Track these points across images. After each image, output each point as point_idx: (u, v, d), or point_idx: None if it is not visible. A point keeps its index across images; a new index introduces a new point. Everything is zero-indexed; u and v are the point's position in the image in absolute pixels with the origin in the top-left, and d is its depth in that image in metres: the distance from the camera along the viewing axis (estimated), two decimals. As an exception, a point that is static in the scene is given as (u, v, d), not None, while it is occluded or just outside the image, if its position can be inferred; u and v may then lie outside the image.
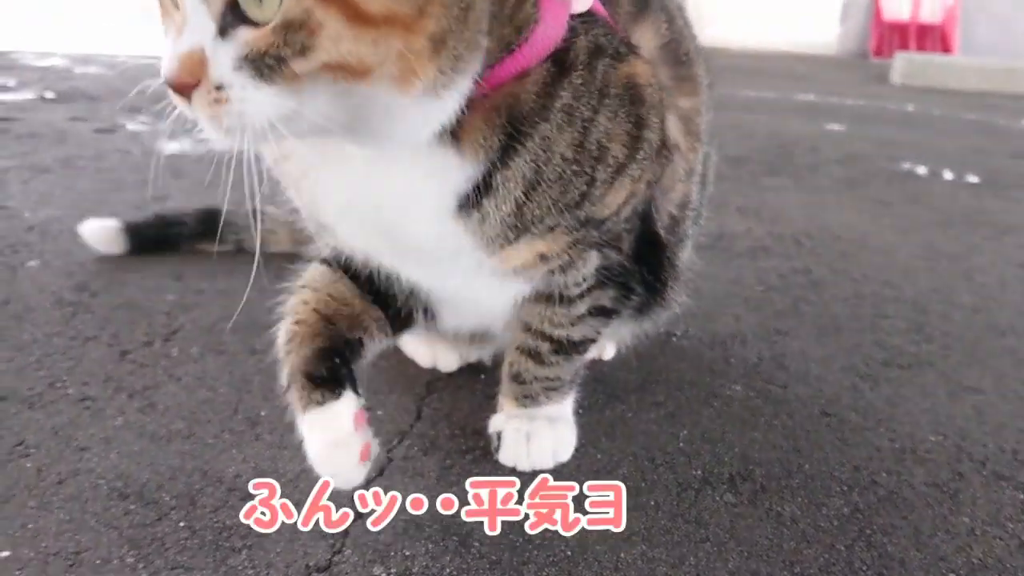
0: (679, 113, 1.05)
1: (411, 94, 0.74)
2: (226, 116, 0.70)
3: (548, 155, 0.87)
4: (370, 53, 0.69)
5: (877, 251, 2.17)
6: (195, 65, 0.69)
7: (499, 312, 1.15)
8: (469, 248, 0.93)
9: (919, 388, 1.44)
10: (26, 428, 1.24)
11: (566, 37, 0.87)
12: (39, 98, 3.66)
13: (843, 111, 4.75)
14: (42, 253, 1.87)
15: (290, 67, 0.69)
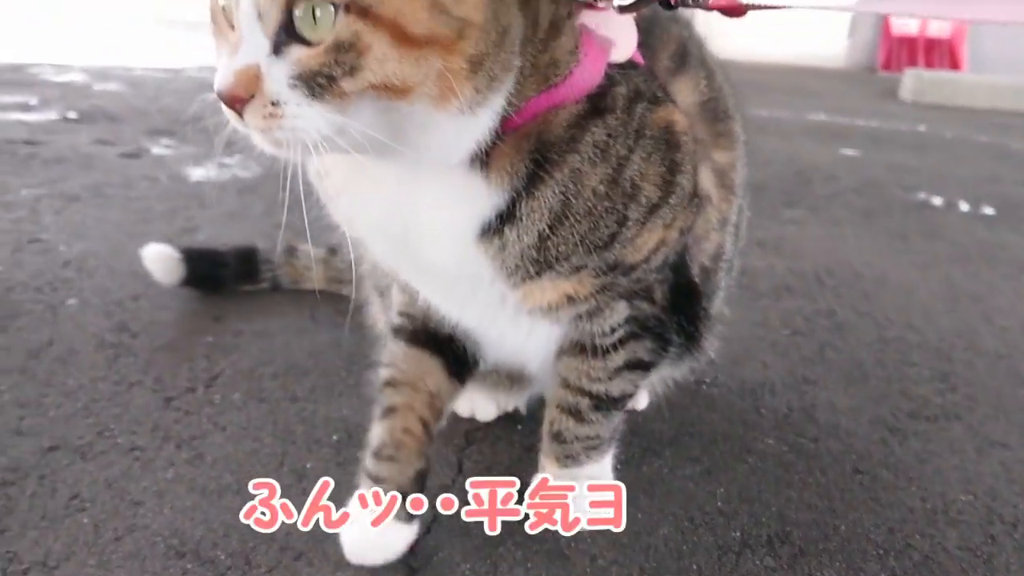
0: (714, 166, 1.08)
1: (448, 111, 0.78)
2: (279, 130, 0.75)
3: (577, 188, 0.89)
4: (412, 73, 0.74)
5: (898, 290, 2.20)
6: (250, 80, 0.73)
7: (533, 353, 1.18)
8: (489, 276, 0.96)
9: (947, 443, 1.47)
10: (79, 480, 1.27)
11: (604, 84, 0.89)
12: (62, 118, 3.70)
13: (856, 133, 4.77)
14: (80, 291, 1.90)
15: (339, 86, 0.73)
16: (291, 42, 0.73)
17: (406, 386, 1.15)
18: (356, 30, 0.71)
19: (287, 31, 0.73)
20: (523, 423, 1.46)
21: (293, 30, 0.72)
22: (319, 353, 1.69)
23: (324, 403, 1.52)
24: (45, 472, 1.28)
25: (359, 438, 1.40)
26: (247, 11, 0.73)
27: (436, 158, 0.84)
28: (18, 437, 1.36)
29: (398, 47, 0.72)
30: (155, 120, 3.79)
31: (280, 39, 0.73)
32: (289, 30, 0.73)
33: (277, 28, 0.73)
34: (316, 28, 0.72)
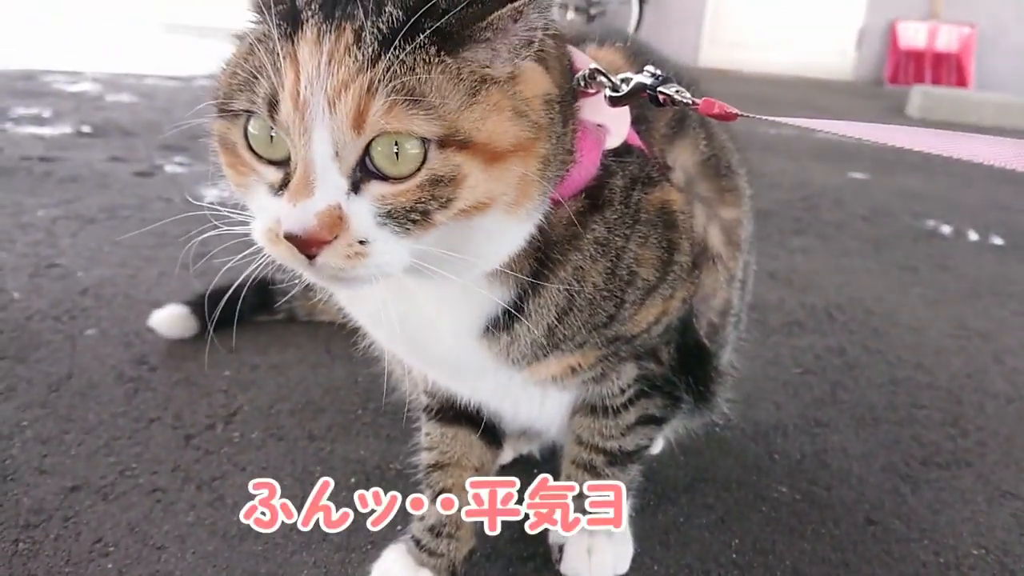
0: (722, 224, 1.10)
1: (518, 216, 0.79)
2: (362, 268, 0.73)
3: (580, 284, 0.91)
4: (497, 187, 0.74)
5: (908, 328, 2.21)
6: (334, 222, 0.70)
7: (548, 419, 1.20)
8: (493, 367, 0.97)
9: (959, 493, 1.48)
10: (103, 523, 1.28)
11: (600, 175, 0.91)
12: (76, 132, 3.73)
13: (864, 154, 4.78)
14: (99, 320, 1.92)
15: (433, 218, 0.72)
16: (369, 178, 0.71)
17: (452, 466, 1.18)
18: (456, 163, 0.71)
19: (362, 167, 0.71)
20: (538, 467, 1.47)
21: (368, 166, 0.71)
22: (335, 389, 1.71)
23: (341, 442, 1.53)
24: (69, 514, 1.30)
25: (377, 480, 1.43)
26: (322, 149, 0.69)
27: (482, 265, 0.84)
28: (41, 476, 1.38)
29: (488, 167, 0.72)
30: (168, 135, 3.81)
31: (357, 176, 0.71)
32: (364, 166, 0.71)
33: (355, 165, 0.71)
34: (398, 163, 0.70)
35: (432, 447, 1.19)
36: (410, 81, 0.69)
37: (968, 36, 9.56)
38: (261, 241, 0.76)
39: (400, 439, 1.51)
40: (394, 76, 0.68)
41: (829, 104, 7.44)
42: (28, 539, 1.24)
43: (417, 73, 0.69)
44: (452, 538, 1.16)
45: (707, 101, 0.85)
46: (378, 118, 0.68)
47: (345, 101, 0.68)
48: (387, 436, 1.55)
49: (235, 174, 0.78)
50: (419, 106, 0.69)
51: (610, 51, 1.04)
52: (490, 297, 0.90)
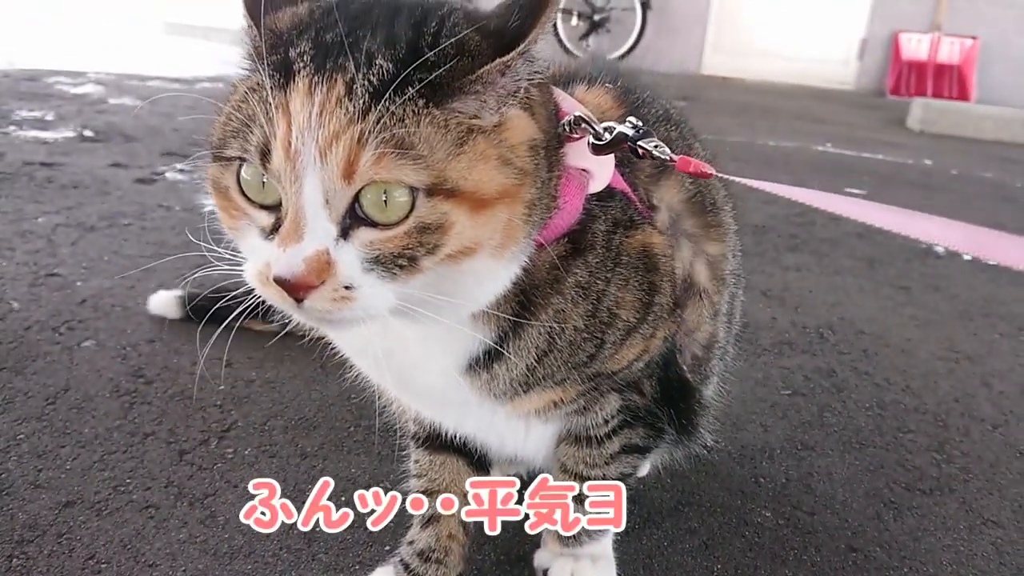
0: (707, 259, 1.11)
1: (504, 259, 0.81)
2: (348, 310, 0.74)
3: (561, 326, 0.93)
4: (484, 232, 0.76)
5: (898, 349, 2.23)
6: (322, 267, 0.72)
7: (532, 450, 1.22)
8: (477, 401, 0.99)
9: (940, 520, 1.50)
10: (96, 539, 1.31)
11: (583, 219, 0.92)
12: (78, 136, 3.75)
13: (862, 168, 4.80)
14: (96, 332, 1.94)
15: (419, 264, 0.74)
16: (358, 225, 0.73)
17: (440, 494, 1.19)
18: (443, 211, 0.72)
19: (351, 214, 0.72)
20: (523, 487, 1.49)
21: (358, 213, 0.72)
22: (328, 406, 1.73)
23: (333, 460, 1.55)
24: (63, 530, 1.32)
25: (367, 500, 1.44)
26: (312, 196, 0.71)
27: (467, 307, 0.86)
28: (36, 490, 1.40)
29: (474, 214, 0.74)
30: (169, 141, 3.84)
31: (346, 223, 0.73)
32: (353, 213, 0.72)
33: (344, 212, 0.72)
34: (386, 210, 0.72)
35: (421, 474, 1.21)
36: (399, 132, 0.70)
37: (970, 48, 9.58)
38: (252, 282, 0.78)
39: (391, 457, 1.54)
40: (384, 128, 0.70)
41: (829, 115, 7.47)
42: (22, 555, 1.26)
43: (406, 124, 0.71)
44: (441, 564, 1.18)
45: (683, 159, 0.87)
46: (368, 168, 0.70)
47: (336, 152, 0.70)
48: (378, 454, 1.57)
49: (227, 217, 0.80)
50: (408, 156, 0.71)
51: (599, 93, 1.05)
52: (472, 336, 0.92)
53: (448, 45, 0.73)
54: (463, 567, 1.22)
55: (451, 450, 1.20)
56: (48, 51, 6.97)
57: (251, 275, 0.77)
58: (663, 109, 1.14)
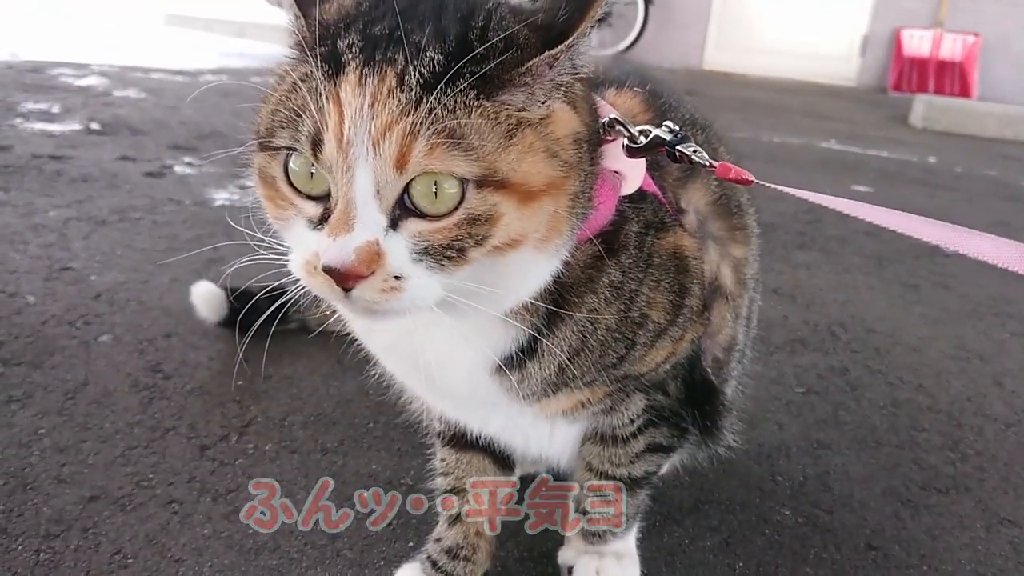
0: (732, 262, 1.12)
1: (547, 251, 0.81)
2: (396, 301, 0.75)
3: (594, 325, 0.94)
4: (530, 224, 0.76)
5: (909, 348, 2.24)
6: (372, 257, 0.72)
7: (559, 451, 1.22)
8: (505, 401, 1.00)
9: (958, 518, 1.51)
10: (121, 535, 1.31)
11: (616, 220, 0.93)
12: (85, 129, 3.74)
13: (867, 165, 4.81)
14: (113, 326, 1.95)
15: (468, 255, 0.74)
16: (407, 216, 0.73)
17: (468, 491, 1.20)
18: (493, 203, 0.73)
19: (401, 205, 0.73)
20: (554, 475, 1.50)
21: (407, 204, 0.73)
22: (347, 402, 1.74)
23: (354, 456, 1.56)
24: (88, 524, 1.33)
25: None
26: (363, 187, 0.71)
27: (511, 299, 0.87)
28: (60, 485, 1.41)
29: (522, 206, 0.75)
30: (177, 134, 3.84)
31: (396, 214, 0.73)
32: (403, 204, 0.73)
33: (394, 203, 0.73)
34: (436, 201, 0.72)
35: (448, 472, 1.22)
36: (451, 124, 0.71)
37: (972, 45, 9.59)
38: (298, 273, 0.77)
39: (411, 453, 1.55)
40: (436, 119, 0.70)
41: (832, 111, 7.47)
42: (49, 549, 1.27)
43: (458, 116, 0.71)
44: (469, 561, 1.19)
45: (724, 165, 0.88)
46: (420, 159, 0.70)
47: (389, 142, 0.70)
48: (398, 450, 1.58)
49: (273, 207, 0.80)
50: (459, 147, 0.71)
51: (628, 96, 1.06)
52: (505, 335, 0.92)
53: (498, 39, 0.73)
54: (490, 564, 1.23)
55: (477, 448, 1.21)
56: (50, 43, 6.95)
57: (297, 265, 0.77)
58: (689, 114, 1.15)
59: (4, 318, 1.92)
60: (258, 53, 7.76)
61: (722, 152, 1.20)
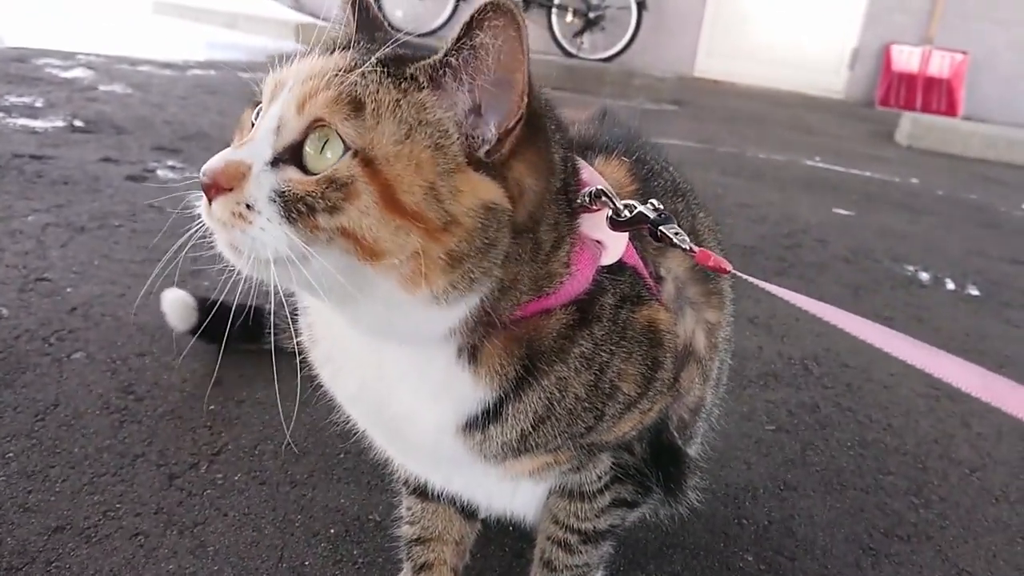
0: (706, 327, 1.14)
1: (414, 295, 0.80)
2: (240, 234, 0.77)
3: (562, 394, 0.94)
4: (387, 238, 0.76)
5: (880, 385, 2.27)
6: (235, 175, 0.78)
7: (521, 509, 1.24)
8: (468, 461, 1.00)
9: (917, 569, 1.54)
10: (85, 568, 1.31)
11: (592, 290, 0.94)
12: (68, 126, 3.71)
13: (850, 186, 4.85)
14: (87, 343, 1.94)
15: (315, 219, 0.76)
16: (290, 163, 0.78)
17: (433, 541, 1.22)
18: (354, 174, 0.76)
19: (292, 152, 0.78)
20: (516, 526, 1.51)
21: (296, 153, 0.78)
22: (319, 430, 1.73)
23: (323, 489, 1.56)
24: (52, 557, 1.32)
25: (355, 533, 1.46)
26: (270, 119, 0.80)
27: (401, 335, 0.88)
28: (25, 514, 1.40)
29: (383, 207, 0.76)
30: (161, 134, 3.81)
31: (282, 156, 0.79)
32: (293, 152, 0.78)
33: (286, 146, 0.79)
34: (318, 160, 0.78)
35: (414, 521, 1.23)
36: (359, 91, 0.78)
37: (960, 62, 9.68)
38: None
39: (380, 488, 1.55)
40: (349, 83, 0.78)
41: (818, 125, 7.52)
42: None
43: (368, 87, 0.78)
44: None
45: (703, 253, 0.89)
46: (319, 106, 0.77)
47: (303, 86, 0.79)
48: (367, 483, 1.59)
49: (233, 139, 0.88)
50: (355, 115, 0.77)
51: (615, 166, 1.07)
52: (472, 395, 0.92)
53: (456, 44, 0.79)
54: None
55: (442, 499, 1.21)
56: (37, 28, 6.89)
57: None
58: (671, 179, 1.16)
59: (-24, 332, 1.91)
60: (249, 46, 7.71)
61: (701, 217, 1.21)
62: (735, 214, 3.82)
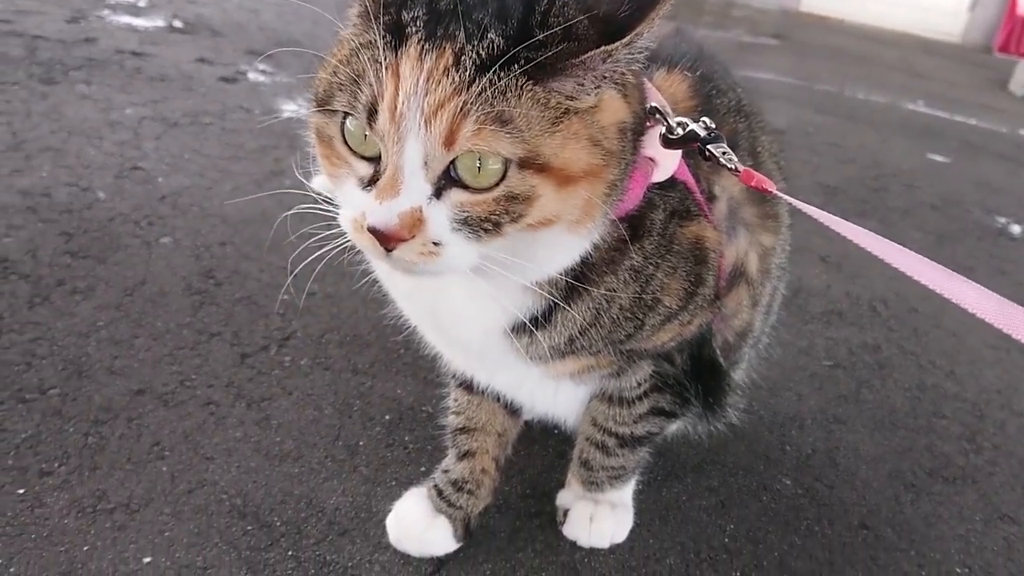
0: (760, 250, 1.14)
1: (580, 233, 0.84)
2: (432, 265, 0.79)
3: (609, 304, 0.97)
4: (565, 207, 0.80)
5: (949, 332, 2.22)
6: (414, 223, 0.76)
7: (563, 410, 1.30)
8: (513, 360, 1.04)
9: (957, 509, 1.54)
10: (161, 428, 1.43)
11: (643, 206, 0.95)
12: (168, 27, 3.84)
13: (950, 133, 4.63)
14: (174, 229, 2.06)
15: (503, 229, 0.79)
16: (451, 186, 0.76)
17: (478, 431, 1.27)
18: (532, 184, 0.76)
19: (446, 176, 0.76)
20: (558, 428, 1.57)
21: (452, 175, 0.76)
22: (382, 325, 1.81)
23: (382, 379, 1.65)
24: (133, 415, 1.45)
25: (408, 421, 1.55)
26: (412, 158, 0.74)
27: (539, 272, 0.90)
28: (111, 376, 1.53)
29: (559, 189, 0.78)
30: (254, 39, 3.90)
31: (440, 184, 0.76)
32: (448, 175, 0.76)
33: (440, 174, 0.76)
34: (479, 177, 0.75)
35: (459, 412, 1.29)
36: (500, 106, 0.73)
37: (1092, 10, 8.97)
38: (346, 228, 0.82)
39: (435, 383, 1.63)
40: (486, 101, 0.72)
41: (927, 68, 7.14)
42: (97, 434, 1.39)
43: (508, 99, 0.73)
44: (472, 495, 1.27)
45: (747, 172, 0.89)
46: (467, 138, 0.73)
47: (440, 120, 0.72)
48: (424, 378, 1.66)
49: (329, 165, 0.84)
50: (505, 130, 0.73)
51: (677, 80, 1.06)
52: (523, 302, 0.96)
53: (558, 27, 0.74)
54: (492, 499, 1.31)
55: (487, 393, 1.27)
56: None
57: (346, 220, 0.81)
58: (735, 100, 1.15)
59: (76, 212, 2.04)
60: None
61: (764, 141, 1.20)
62: (823, 153, 3.71)
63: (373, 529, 1.30)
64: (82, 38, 3.37)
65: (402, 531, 1.27)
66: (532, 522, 1.36)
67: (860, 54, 7.33)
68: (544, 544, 1.32)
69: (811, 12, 9.87)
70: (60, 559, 1.17)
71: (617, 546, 1.33)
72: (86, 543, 1.20)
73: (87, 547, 1.19)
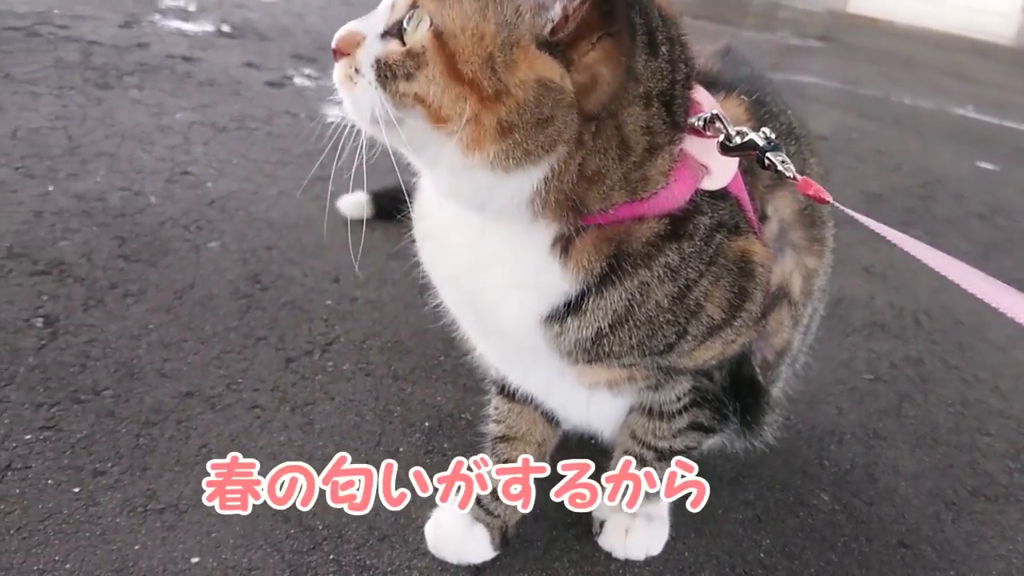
0: (805, 272, 1.15)
1: (470, 159, 0.87)
2: (347, 92, 0.91)
3: (643, 299, 0.98)
4: (448, 105, 0.85)
5: (994, 346, 2.19)
6: (350, 43, 0.90)
7: (598, 422, 1.31)
8: (546, 352, 1.05)
9: (999, 529, 1.52)
10: (209, 430, 1.48)
11: (689, 208, 0.97)
12: (217, 31, 3.92)
13: (1000, 139, 4.54)
14: (221, 234, 2.11)
15: (396, 84, 0.87)
16: (395, 37, 0.88)
17: (517, 440, 1.30)
18: (426, 46, 0.85)
19: (398, 28, 0.88)
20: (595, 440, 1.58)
21: (403, 27, 0.87)
22: (423, 332, 1.85)
23: (422, 385, 1.68)
24: (182, 418, 1.49)
25: (448, 428, 1.57)
26: (386, 3, 0.91)
27: (473, 201, 0.94)
28: (162, 378, 1.58)
29: (446, 75, 0.85)
30: (300, 43, 3.97)
31: (391, 30, 0.88)
32: (400, 27, 0.87)
33: (395, 22, 0.88)
34: (411, 35, 0.86)
35: (499, 420, 1.31)
36: None
37: None
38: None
39: (475, 390, 1.65)
40: None
41: (977, 72, 7.00)
42: (147, 435, 1.44)
43: None
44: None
45: (805, 181, 0.90)
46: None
47: None
48: (464, 385, 1.69)
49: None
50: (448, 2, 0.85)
51: (734, 103, 1.08)
52: (559, 285, 0.97)
53: None
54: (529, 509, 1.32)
55: (527, 401, 1.29)
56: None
57: None
58: (787, 122, 1.17)
59: (128, 216, 2.10)
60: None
61: (812, 163, 1.21)
62: (867, 160, 3.67)
63: (412, 535, 1.32)
64: (134, 43, 3.46)
65: (440, 538, 1.29)
66: (568, 532, 1.38)
67: (908, 57, 7.22)
68: (580, 555, 1.34)
69: (859, 13, 9.72)
70: (113, 557, 1.21)
71: (652, 558, 1.34)
72: (137, 542, 1.24)
73: (138, 546, 1.24)
